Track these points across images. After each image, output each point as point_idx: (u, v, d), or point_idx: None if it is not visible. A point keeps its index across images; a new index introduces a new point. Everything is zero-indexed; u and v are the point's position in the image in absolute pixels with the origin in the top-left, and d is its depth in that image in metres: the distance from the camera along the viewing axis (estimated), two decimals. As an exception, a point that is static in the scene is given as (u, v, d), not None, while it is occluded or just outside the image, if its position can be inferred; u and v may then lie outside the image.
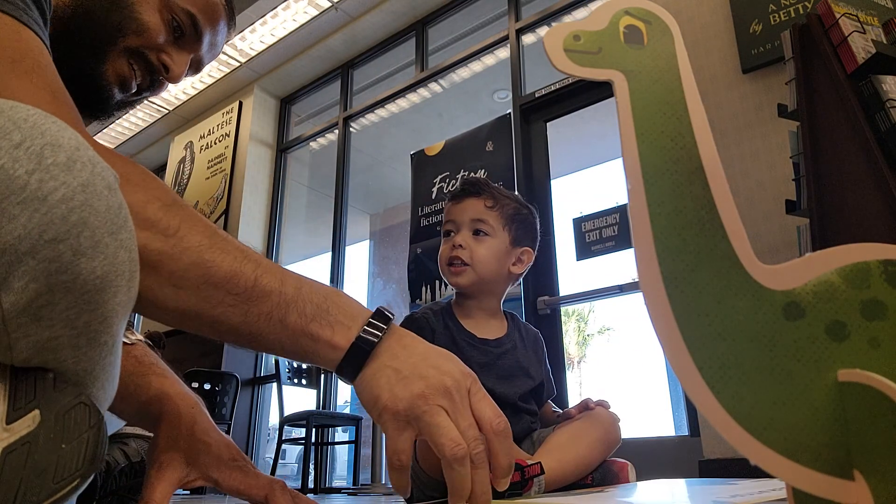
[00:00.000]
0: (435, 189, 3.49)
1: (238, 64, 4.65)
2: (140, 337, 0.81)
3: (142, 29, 0.80)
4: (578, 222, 2.94)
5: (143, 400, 0.73)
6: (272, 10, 4.16)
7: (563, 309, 3.13)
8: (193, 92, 5.03)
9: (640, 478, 1.20)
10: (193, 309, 0.53)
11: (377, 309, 0.58)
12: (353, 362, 0.55)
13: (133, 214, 0.43)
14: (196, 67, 0.89)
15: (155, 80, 0.85)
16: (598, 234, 2.87)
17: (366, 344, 0.55)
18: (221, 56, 4.54)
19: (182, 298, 0.52)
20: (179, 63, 0.84)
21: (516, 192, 3.24)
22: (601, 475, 1.14)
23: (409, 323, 1.27)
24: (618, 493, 0.84)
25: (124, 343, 0.75)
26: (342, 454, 5.69)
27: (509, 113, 3.39)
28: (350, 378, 0.56)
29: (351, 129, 4.66)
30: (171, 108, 5.27)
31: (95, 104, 0.81)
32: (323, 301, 0.55)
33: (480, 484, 0.52)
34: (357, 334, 0.55)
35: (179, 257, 0.51)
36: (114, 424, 0.97)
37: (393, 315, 0.57)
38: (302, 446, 3.49)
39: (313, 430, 3.50)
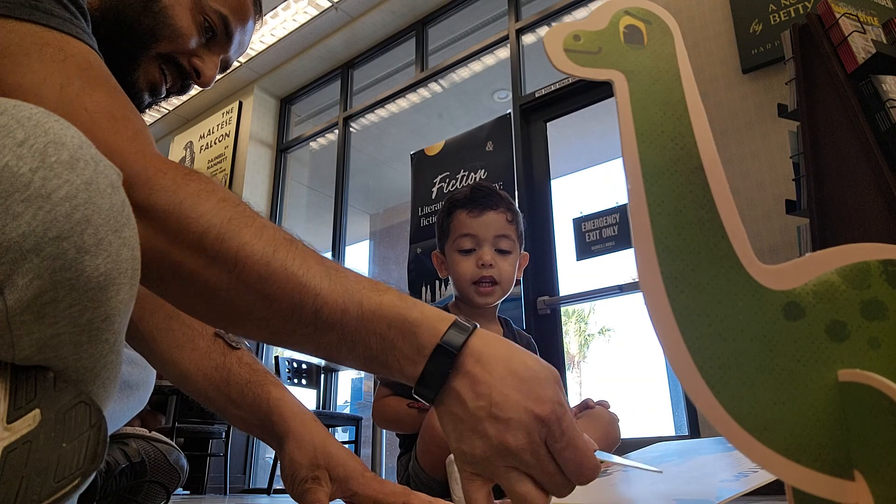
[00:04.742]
0: (435, 189, 3.49)
1: (238, 64, 4.64)
2: (244, 341, 0.79)
3: (175, 34, 0.77)
4: (578, 222, 2.94)
5: (264, 411, 0.73)
6: (272, 10, 4.16)
7: (563, 309, 3.13)
8: (193, 92, 5.01)
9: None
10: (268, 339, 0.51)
11: (440, 344, 0.46)
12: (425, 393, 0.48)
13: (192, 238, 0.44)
14: (224, 67, 0.87)
15: (185, 84, 0.83)
16: (598, 234, 2.87)
17: (428, 389, 0.47)
18: (221, 56, 4.54)
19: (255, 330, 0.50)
20: (210, 66, 0.82)
21: (516, 193, 3.22)
22: (601, 475, 1.14)
23: None
24: (617, 481, 0.83)
25: (233, 347, 0.76)
26: (342, 454, 5.69)
27: (509, 113, 3.38)
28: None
29: (351, 129, 4.66)
30: (171, 108, 5.26)
31: None
32: (387, 331, 0.47)
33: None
34: (420, 372, 0.47)
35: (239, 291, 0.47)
36: (114, 424, 0.97)
37: (468, 335, 0.47)
38: (302, 446, 3.49)
39: (313, 429, 3.50)
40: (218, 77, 0.87)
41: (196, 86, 0.84)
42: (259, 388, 0.75)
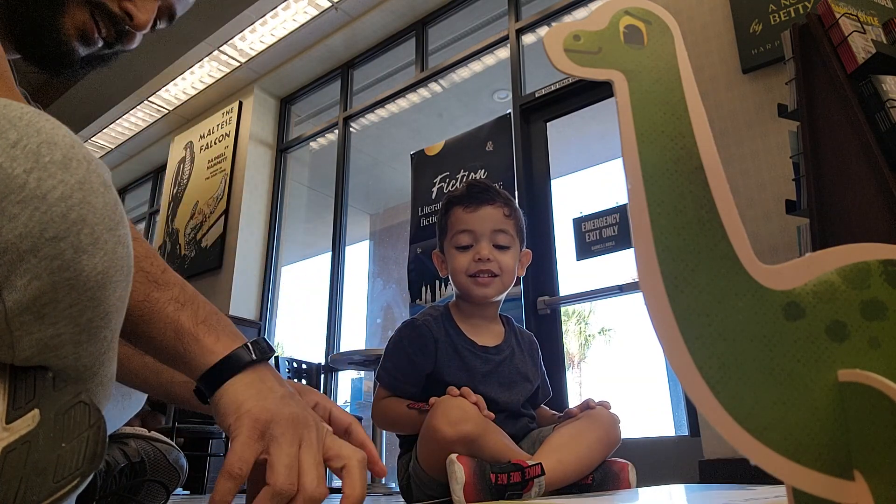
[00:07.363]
0: (435, 189, 3.49)
1: (238, 64, 4.64)
2: None
3: None
4: (578, 222, 2.94)
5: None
6: (272, 9, 4.15)
7: (563, 309, 3.13)
8: (193, 92, 5.02)
9: (640, 478, 1.19)
10: None
11: (260, 338, 0.59)
12: (223, 372, 0.54)
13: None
14: (169, 16, 0.84)
15: (121, 30, 0.79)
16: (598, 234, 2.87)
17: (246, 356, 0.55)
18: (221, 56, 4.54)
19: None
20: (144, 10, 0.79)
21: (516, 193, 3.21)
22: (601, 475, 1.14)
23: (410, 329, 1.25)
24: (618, 498, 0.83)
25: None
26: (342, 454, 5.68)
27: (509, 113, 3.38)
28: (212, 387, 0.54)
29: (351, 129, 4.66)
30: (171, 108, 5.26)
31: (56, 59, 0.76)
32: (215, 313, 0.57)
33: None
34: (240, 346, 0.55)
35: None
36: (114, 424, 0.97)
37: (272, 351, 0.59)
38: (302, 446, 3.48)
39: (313, 429, 3.50)
40: (217, 77, 0.87)
41: (133, 31, 0.80)
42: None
